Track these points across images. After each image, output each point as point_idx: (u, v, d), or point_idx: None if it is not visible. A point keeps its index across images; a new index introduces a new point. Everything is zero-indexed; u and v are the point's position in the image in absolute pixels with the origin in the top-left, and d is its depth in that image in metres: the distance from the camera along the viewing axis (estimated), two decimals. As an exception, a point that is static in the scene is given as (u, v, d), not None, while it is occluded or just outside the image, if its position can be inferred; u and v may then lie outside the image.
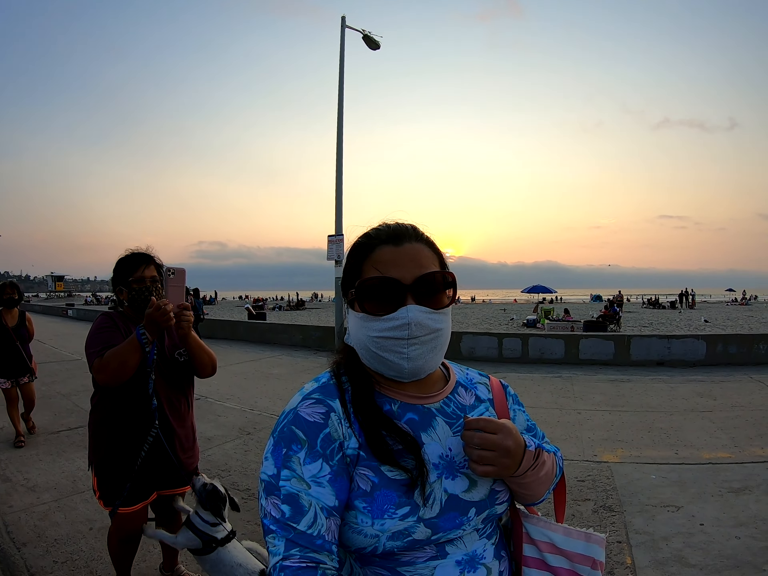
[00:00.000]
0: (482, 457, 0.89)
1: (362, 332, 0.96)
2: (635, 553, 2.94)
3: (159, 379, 2.26)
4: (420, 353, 0.93)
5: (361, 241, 1.01)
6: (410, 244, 0.97)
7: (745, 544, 2.97)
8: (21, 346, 5.27)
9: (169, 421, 2.29)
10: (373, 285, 0.94)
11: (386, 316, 0.92)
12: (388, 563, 0.90)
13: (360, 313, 0.96)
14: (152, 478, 2.28)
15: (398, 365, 0.93)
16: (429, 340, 0.93)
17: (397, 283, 0.92)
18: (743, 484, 3.84)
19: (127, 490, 2.19)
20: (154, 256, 2.35)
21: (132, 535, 2.34)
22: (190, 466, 2.43)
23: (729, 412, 5.93)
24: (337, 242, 12.04)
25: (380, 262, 0.95)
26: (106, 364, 2.04)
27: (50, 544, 3.11)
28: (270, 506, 0.85)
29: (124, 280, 2.27)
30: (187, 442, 2.41)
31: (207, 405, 6.57)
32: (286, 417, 0.92)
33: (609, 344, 9.72)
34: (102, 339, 2.14)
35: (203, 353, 2.32)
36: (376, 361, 0.96)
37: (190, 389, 2.50)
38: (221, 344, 12.83)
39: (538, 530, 1.06)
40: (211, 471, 4.27)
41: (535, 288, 30.12)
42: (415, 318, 0.91)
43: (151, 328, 2.03)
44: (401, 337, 0.91)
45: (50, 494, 3.87)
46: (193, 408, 2.51)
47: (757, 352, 9.14)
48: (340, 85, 12.46)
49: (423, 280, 0.93)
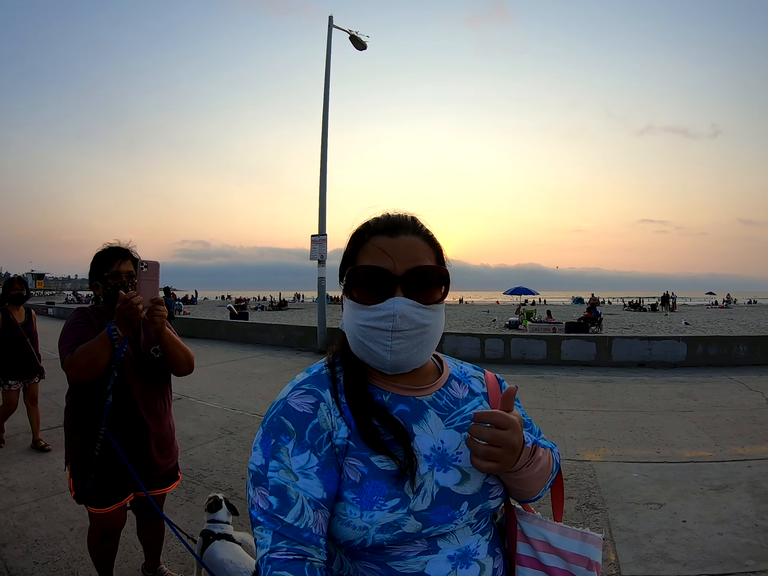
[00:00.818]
0: (490, 453, 0.86)
1: (351, 320, 0.95)
2: (619, 549, 2.96)
3: (133, 375, 2.21)
4: (404, 347, 0.91)
5: (359, 229, 0.99)
6: (406, 236, 0.95)
7: (727, 540, 3.01)
8: (32, 345, 4.98)
9: (142, 420, 2.23)
10: (362, 273, 0.93)
11: (373, 306, 0.91)
12: (378, 557, 0.88)
13: (351, 301, 0.95)
14: (125, 478, 2.20)
15: (381, 357, 0.92)
16: (415, 335, 0.91)
17: (387, 273, 0.91)
18: (724, 482, 3.89)
19: (89, 491, 2.15)
20: (131, 250, 2.28)
21: (109, 535, 2.29)
22: (166, 467, 2.37)
23: (709, 412, 6.02)
24: (320, 242, 11.99)
25: (373, 251, 0.93)
26: (76, 360, 1.99)
27: (31, 545, 3.05)
28: (258, 497, 0.84)
29: (100, 274, 2.22)
30: (163, 442, 2.34)
31: (188, 404, 6.50)
32: (276, 407, 0.91)
33: (590, 345, 9.82)
34: (74, 335, 2.09)
35: (178, 349, 2.26)
36: (362, 350, 0.95)
37: (167, 387, 2.43)
38: (203, 344, 12.71)
39: (533, 528, 1.04)
40: (193, 470, 4.22)
41: (518, 290, 30.30)
42: (401, 311, 0.89)
43: (121, 323, 1.97)
44: (386, 329, 0.90)
45: (30, 494, 3.80)
46: (170, 406, 2.45)
47: (737, 353, 9.31)
48: (326, 84, 12.44)
49: (414, 273, 0.91)
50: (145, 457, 2.24)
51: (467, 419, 0.99)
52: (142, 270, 1.98)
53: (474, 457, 0.88)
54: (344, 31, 12.78)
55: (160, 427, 2.33)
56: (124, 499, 2.26)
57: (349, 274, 0.94)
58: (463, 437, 0.96)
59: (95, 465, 2.12)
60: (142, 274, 1.98)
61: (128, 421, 2.19)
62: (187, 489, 3.81)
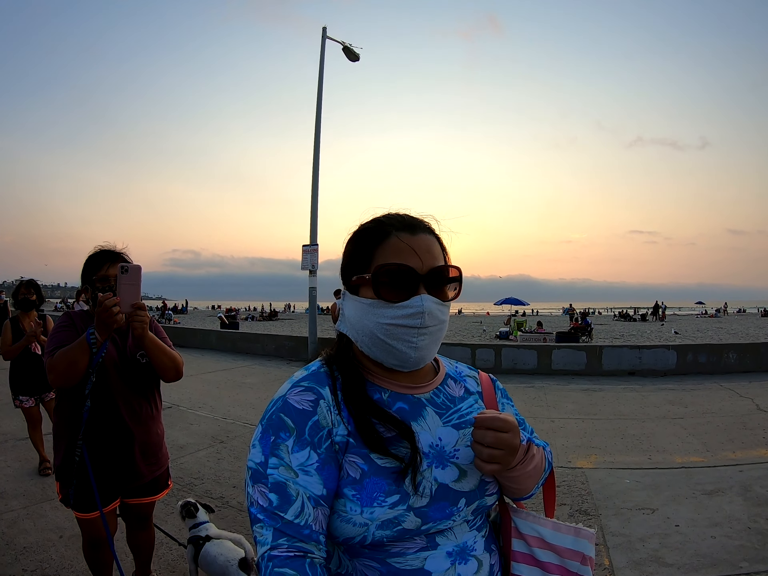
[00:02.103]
0: (493, 456, 0.87)
1: (370, 319, 0.94)
2: (612, 554, 2.96)
3: (117, 381, 2.18)
4: (427, 343, 0.93)
5: (372, 226, 0.99)
6: (424, 234, 0.97)
7: (720, 543, 3.03)
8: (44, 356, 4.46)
9: (126, 426, 2.18)
10: (392, 271, 0.92)
11: (400, 304, 0.91)
12: (377, 554, 0.88)
13: (369, 300, 0.94)
14: (109, 484, 2.17)
15: (405, 354, 0.92)
16: (436, 331, 0.94)
17: (413, 271, 0.92)
18: (716, 487, 3.91)
19: (72, 496, 2.12)
20: (122, 253, 2.24)
21: (98, 541, 2.25)
22: (152, 475, 2.31)
23: (700, 418, 6.06)
24: (312, 252, 11.98)
25: (396, 249, 0.93)
26: (55, 364, 1.97)
27: (19, 552, 3.01)
28: (257, 494, 0.84)
29: (89, 278, 2.18)
30: (149, 449, 2.29)
31: (179, 413, 6.45)
32: (275, 404, 0.91)
33: (581, 355, 9.86)
34: (57, 339, 2.07)
35: (163, 356, 2.20)
36: (381, 348, 0.94)
37: (155, 393, 2.38)
38: (193, 353, 12.62)
39: (527, 525, 1.05)
40: (184, 479, 4.18)
41: (508, 300, 30.37)
42: (429, 308, 0.91)
43: (99, 327, 1.93)
44: (413, 326, 0.91)
45: (19, 501, 3.74)
46: (159, 413, 2.41)
47: (727, 361, 9.40)
48: (319, 95, 12.49)
49: (436, 271, 0.94)
50: (129, 464, 2.20)
51: (464, 417, 1.00)
52: (122, 274, 1.93)
53: (477, 459, 0.89)
54: (337, 42, 12.88)
55: (147, 434, 2.27)
56: (109, 504, 2.21)
57: (376, 272, 0.93)
58: (460, 435, 0.97)
59: (76, 470, 2.09)
60: (122, 278, 1.93)
61: (111, 426, 2.15)
62: (178, 497, 3.76)
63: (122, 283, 1.93)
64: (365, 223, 1.00)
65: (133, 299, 1.95)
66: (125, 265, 1.93)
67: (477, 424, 0.89)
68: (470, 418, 0.98)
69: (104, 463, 2.13)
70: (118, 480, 2.20)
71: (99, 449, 2.12)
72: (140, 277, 1.96)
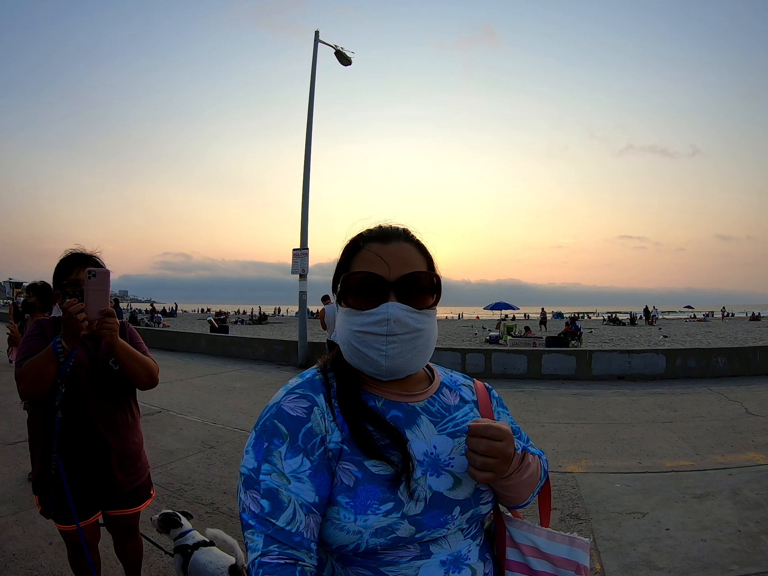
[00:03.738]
0: (486, 464, 0.87)
1: (345, 326, 0.96)
2: (604, 558, 2.97)
3: (89, 389, 2.09)
4: (399, 352, 0.92)
5: (353, 239, 1.01)
6: (398, 243, 0.97)
7: (710, 547, 3.05)
8: None
9: (100, 436, 2.10)
10: (357, 279, 0.94)
11: (367, 311, 0.92)
12: (370, 563, 0.88)
13: (345, 308, 0.96)
14: (87, 496, 2.10)
15: (376, 362, 0.92)
16: (409, 339, 0.93)
17: (380, 278, 0.93)
18: (706, 490, 3.94)
19: (52, 509, 2.06)
20: (93, 256, 2.14)
21: (82, 549, 2.18)
22: (130, 486, 2.22)
23: (689, 422, 6.11)
24: (302, 256, 11.96)
25: (367, 258, 0.95)
26: (23, 374, 1.91)
27: (8, 559, 2.96)
28: (249, 500, 0.83)
29: (59, 283, 2.10)
30: (126, 459, 2.19)
31: (168, 418, 6.40)
32: (269, 411, 0.91)
33: (571, 359, 9.89)
34: (26, 348, 2.00)
35: (134, 363, 2.10)
36: (357, 356, 0.95)
37: (131, 401, 2.28)
38: (182, 357, 12.52)
39: (522, 534, 1.05)
40: (173, 485, 4.14)
41: (498, 305, 30.47)
42: (395, 315, 0.91)
43: (66, 335, 1.86)
44: (380, 333, 0.91)
45: (7, 507, 3.68)
46: (137, 421, 2.32)
47: (716, 365, 9.49)
48: (311, 99, 12.49)
49: (407, 278, 0.94)
50: (106, 474, 2.12)
51: (459, 426, 1.00)
52: (90, 279, 1.84)
53: (471, 468, 0.90)
54: (330, 46, 12.89)
55: (123, 443, 2.18)
56: (90, 517, 2.15)
57: (343, 280, 0.95)
58: (455, 443, 0.97)
59: (53, 483, 2.03)
60: (89, 283, 1.84)
61: (84, 437, 2.08)
62: (168, 503, 3.74)
63: (90, 289, 1.84)
64: (351, 237, 1.02)
65: (101, 305, 1.87)
66: (93, 270, 1.84)
67: (471, 432, 0.89)
68: (465, 427, 0.98)
69: (80, 474, 2.06)
70: (96, 491, 2.13)
71: (74, 461, 2.05)
72: (109, 282, 1.88)
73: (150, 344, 2.38)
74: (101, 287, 1.86)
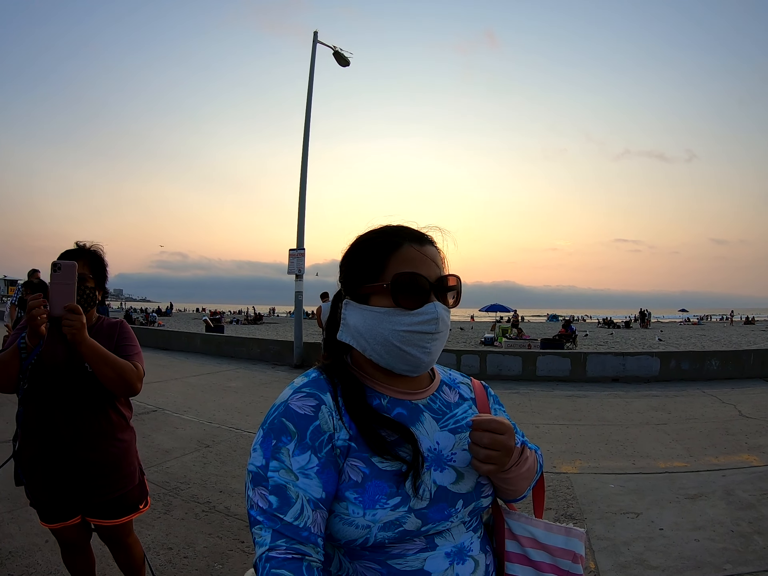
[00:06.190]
0: (489, 457, 0.91)
1: (384, 326, 0.95)
2: (598, 557, 3.00)
3: (59, 391, 1.98)
4: (437, 348, 0.97)
5: (383, 236, 1.01)
6: (430, 246, 1.01)
7: (704, 546, 3.08)
8: None
9: (64, 442, 1.98)
10: (408, 280, 0.95)
11: (416, 311, 0.94)
12: (378, 556, 0.90)
13: (384, 308, 0.96)
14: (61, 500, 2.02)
15: (418, 359, 0.95)
16: (444, 336, 0.98)
17: (426, 280, 0.96)
18: (699, 491, 3.97)
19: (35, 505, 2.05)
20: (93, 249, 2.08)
21: (71, 546, 2.17)
22: (108, 495, 2.07)
23: (683, 424, 6.15)
24: (299, 256, 11.93)
25: (408, 259, 0.97)
26: None
27: (5, 557, 2.96)
28: (257, 497, 0.84)
29: None
30: (97, 469, 2.03)
31: (164, 417, 6.39)
32: (277, 409, 0.92)
33: (565, 361, 9.92)
34: (7, 342, 1.99)
35: (104, 367, 1.91)
36: (394, 355, 0.96)
37: (113, 408, 2.11)
38: (177, 356, 12.49)
39: (520, 526, 1.08)
40: (170, 483, 4.13)
41: (493, 306, 30.53)
42: (441, 314, 0.95)
43: (28, 332, 1.77)
44: (428, 332, 0.94)
45: (3, 505, 3.66)
46: (118, 430, 2.13)
47: (710, 368, 9.54)
48: (309, 99, 12.48)
49: (443, 280, 0.99)
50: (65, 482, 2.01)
51: (459, 422, 1.03)
52: (55, 272, 1.73)
53: (474, 460, 0.93)
54: (328, 46, 12.89)
55: (92, 453, 2.02)
56: (69, 520, 2.07)
57: (395, 281, 0.95)
58: (456, 439, 1.00)
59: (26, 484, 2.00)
60: (54, 276, 1.73)
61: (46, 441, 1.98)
62: (164, 502, 3.74)
63: (54, 282, 1.74)
64: (374, 234, 1.03)
65: (65, 300, 1.75)
66: (58, 263, 1.74)
67: (474, 426, 0.93)
68: (465, 423, 1.02)
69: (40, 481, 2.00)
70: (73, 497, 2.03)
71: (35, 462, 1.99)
72: (75, 275, 1.77)
73: (145, 343, 2.32)
74: (67, 281, 1.75)
